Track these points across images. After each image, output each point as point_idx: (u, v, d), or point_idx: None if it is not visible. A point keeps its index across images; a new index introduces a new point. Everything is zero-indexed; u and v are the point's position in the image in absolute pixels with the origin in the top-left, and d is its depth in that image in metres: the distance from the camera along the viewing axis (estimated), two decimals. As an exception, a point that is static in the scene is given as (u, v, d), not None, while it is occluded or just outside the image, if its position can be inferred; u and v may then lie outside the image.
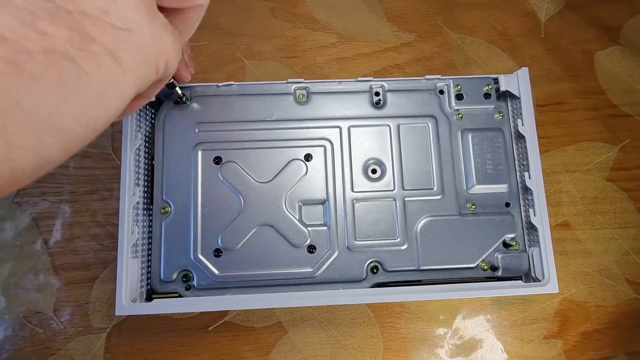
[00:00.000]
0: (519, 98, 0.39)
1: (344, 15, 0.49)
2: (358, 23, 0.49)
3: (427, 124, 0.40)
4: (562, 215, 0.45)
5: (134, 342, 0.42)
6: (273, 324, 0.42)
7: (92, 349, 0.41)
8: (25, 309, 0.42)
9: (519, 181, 0.39)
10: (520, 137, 0.39)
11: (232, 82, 0.39)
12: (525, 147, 0.38)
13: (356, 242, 0.37)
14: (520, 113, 0.39)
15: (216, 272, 0.36)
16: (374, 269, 0.37)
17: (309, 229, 0.37)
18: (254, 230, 0.37)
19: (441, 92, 0.40)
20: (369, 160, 0.39)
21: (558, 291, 0.35)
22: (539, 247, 0.36)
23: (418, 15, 0.49)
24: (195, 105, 0.39)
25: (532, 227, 0.37)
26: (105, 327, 0.42)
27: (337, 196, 0.38)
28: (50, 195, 0.44)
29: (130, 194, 0.35)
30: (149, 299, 0.36)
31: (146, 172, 0.38)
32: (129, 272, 0.34)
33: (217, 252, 0.36)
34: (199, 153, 0.38)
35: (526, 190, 0.38)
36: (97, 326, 0.42)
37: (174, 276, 0.36)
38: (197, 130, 0.38)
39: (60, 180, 0.44)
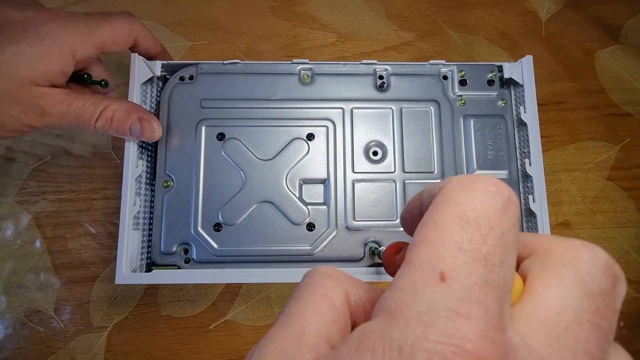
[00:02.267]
0: (522, 86, 0.39)
1: (344, 14, 0.49)
2: (358, 22, 0.49)
3: (430, 109, 0.40)
4: (562, 215, 0.45)
5: (134, 340, 0.41)
6: (274, 322, 0.41)
7: (92, 347, 0.41)
8: (26, 308, 0.42)
9: (519, 168, 0.39)
10: (522, 124, 0.39)
11: (238, 60, 0.39)
12: (527, 135, 0.38)
13: (355, 222, 0.37)
14: (523, 101, 0.39)
15: (215, 246, 0.36)
16: (372, 250, 0.37)
17: (308, 207, 0.37)
18: (254, 206, 0.37)
19: (445, 77, 0.40)
20: (370, 142, 0.39)
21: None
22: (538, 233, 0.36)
23: (418, 14, 0.50)
24: (200, 82, 0.39)
25: (531, 214, 0.37)
26: (106, 325, 0.42)
27: (337, 176, 0.38)
28: (50, 195, 0.44)
29: (134, 167, 0.35)
30: (149, 271, 0.36)
31: (150, 146, 0.38)
32: (130, 242, 0.34)
33: (217, 227, 0.37)
34: (203, 129, 0.38)
35: (526, 177, 0.38)
36: (97, 325, 0.42)
37: (174, 249, 0.36)
38: (201, 107, 0.39)
39: (61, 180, 0.44)
